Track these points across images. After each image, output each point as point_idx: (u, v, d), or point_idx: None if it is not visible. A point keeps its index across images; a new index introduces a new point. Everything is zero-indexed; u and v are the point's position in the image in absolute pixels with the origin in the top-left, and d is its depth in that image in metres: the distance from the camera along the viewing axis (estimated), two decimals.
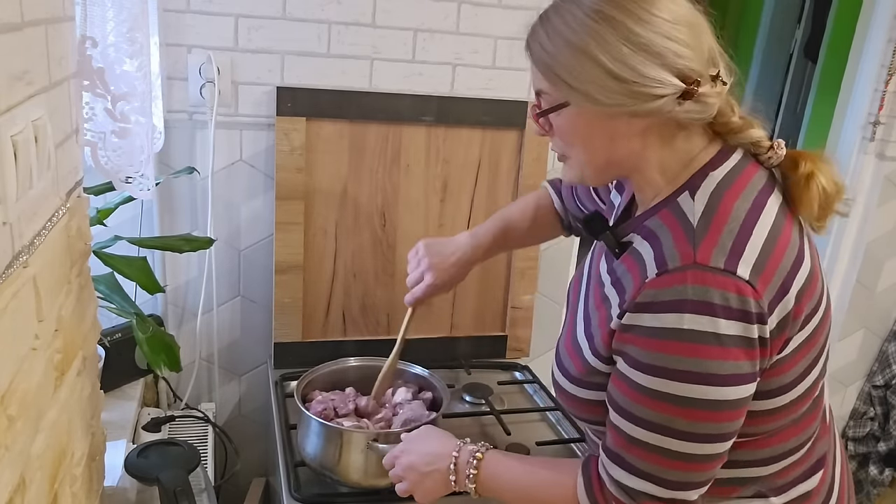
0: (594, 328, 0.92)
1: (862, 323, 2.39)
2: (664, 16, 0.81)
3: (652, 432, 0.82)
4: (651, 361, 0.81)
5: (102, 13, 1.13)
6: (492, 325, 1.79)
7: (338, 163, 1.61)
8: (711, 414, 0.80)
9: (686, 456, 0.82)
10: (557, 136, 0.90)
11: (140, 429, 1.42)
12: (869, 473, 2.42)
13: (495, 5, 1.64)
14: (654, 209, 0.89)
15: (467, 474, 0.99)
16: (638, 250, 0.88)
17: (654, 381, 0.81)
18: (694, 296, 0.78)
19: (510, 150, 1.71)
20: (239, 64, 1.54)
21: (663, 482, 0.84)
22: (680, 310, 0.78)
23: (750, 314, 0.78)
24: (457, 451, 1.01)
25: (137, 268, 1.26)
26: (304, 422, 1.25)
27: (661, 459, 0.83)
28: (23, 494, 0.63)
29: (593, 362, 0.90)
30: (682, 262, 0.80)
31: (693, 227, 0.82)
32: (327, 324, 1.69)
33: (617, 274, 0.91)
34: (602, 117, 0.84)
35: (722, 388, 0.79)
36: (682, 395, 0.79)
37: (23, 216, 0.66)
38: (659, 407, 0.81)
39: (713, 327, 0.77)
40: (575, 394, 0.95)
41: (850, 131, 2.25)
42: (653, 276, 0.81)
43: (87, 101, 1.13)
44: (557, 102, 0.86)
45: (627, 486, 0.86)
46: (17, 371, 0.63)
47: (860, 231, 2.28)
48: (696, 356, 0.78)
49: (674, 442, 0.81)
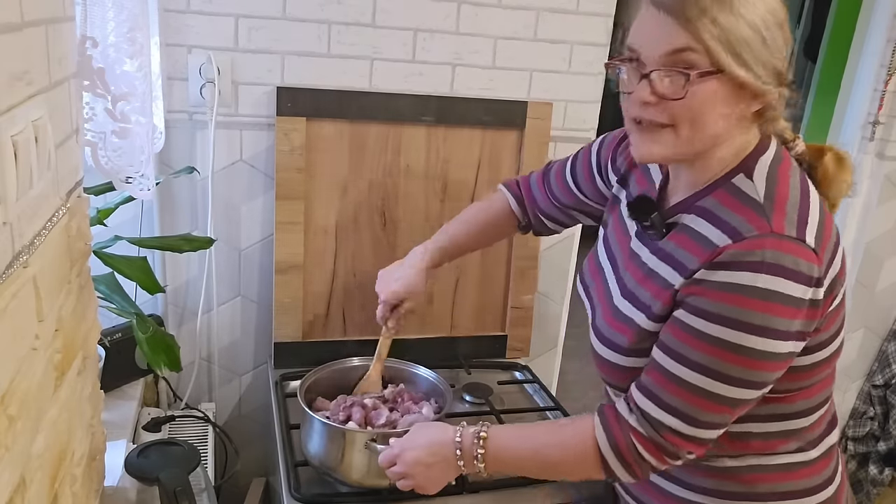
0: (648, 299, 0.97)
1: (862, 322, 2.39)
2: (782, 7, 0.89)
3: (700, 374, 0.88)
4: (719, 311, 0.87)
5: (103, 13, 1.13)
6: (492, 325, 1.79)
7: (338, 163, 1.61)
8: (761, 363, 0.87)
9: (725, 399, 0.89)
10: (683, 104, 0.87)
11: (140, 429, 1.42)
12: (869, 473, 2.42)
13: (495, 5, 1.64)
14: (705, 191, 0.95)
15: (475, 455, 1.02)
16: (692, 227, 0.94)
17: (718, 329, 0.87)
18: (771, 259, 0.85)
19: (510, 150, 1.71)
20: (239, 64, 1.54)
21: (693, 420, 0.91)
22: (757, 270, 0.85)
23: (812, 279, 0.86)
24: (458, 436, 1.04)
25: (137, 268, 1.26)
26: (308, 421, 1.25)
27: (699, 400, 0.89)
28: (23, 494, 0.64)
29: (651, 327, 0.96)
30: (760, 232, 0.87)
31: (760, 202, 0.89)
32: (327, 324, 1.69)
33: (667, 251, 0.97)
34: (737, 91, 0.88)
35: (778, 342, 0.86)
36: (741, 343, 0.86)
37: (23, 216, 0.66)
38: (715, 353, 0.87)
39: (783, 288, 0.85)
40: (627, 365, 0.99)
41: (849, 131, 2.25)
42: (727, 242, 0.87)
43: (87, 101, 1.13)
44: (711, 69, 0.85)
45: (654, 419, 0.92)
46: (18, 371, 0.63)
47: (860, 230, 2.28)
48: (765, 312, 0.85)
49: (719, 385, 0.88)
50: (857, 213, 2.27)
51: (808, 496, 1.02)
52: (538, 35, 1.68)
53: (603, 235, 1.17)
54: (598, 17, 1.71)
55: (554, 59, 1.71)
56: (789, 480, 1.01)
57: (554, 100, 1.72)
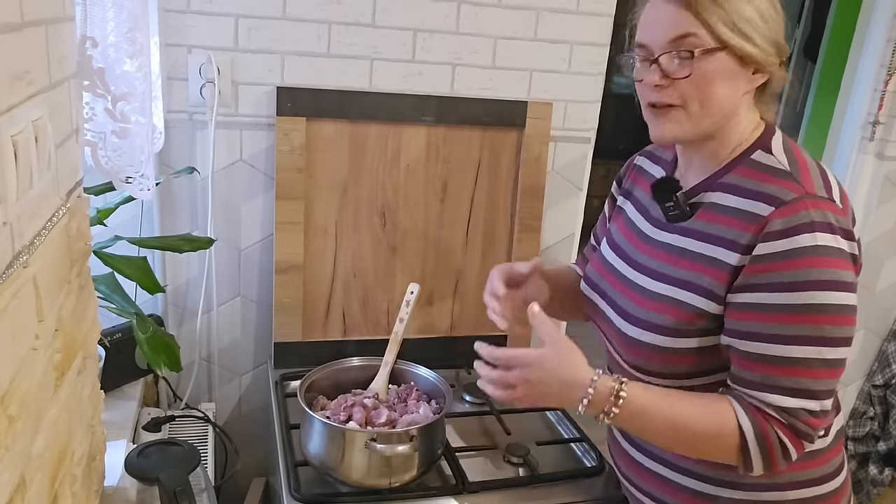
0: (693, 277, 0.99)
1: (862, 322, 2.38)
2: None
3: (805, 346, 0.90)
4: (794, 279, 0.90)
5: (103, 13, 1.12)
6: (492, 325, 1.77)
7: (338, 163, 1.61)
8: (847, 318, 0.91)
9: (832, 362, 0.91)
10: (695, 84, 0.94)
11: (140, 429, 1.42)
12: (869, 473, 2.41)
13: (495, 5, 1.64)
14: (725, 168, 1.00)
15: (606, 410, 0.96)
16: (721, 203, 0.98)
17: (801, 296, 0.89)
18: (818, 217, 0.90)
19: (510, 150, 1.71)
20: (239, 64, 1.54)
21: (814, 394, 0.92)
22: (812, 230, 0.89)
23: (851, 233, 0.93)
24: (592, 386, 0.96)
25: (137, 268, 1.26)
26: (308, 421, 1.25)
27: (810, 372, 0.91)
28: (23, 494, 0.63)
29: (705, 305, 0.97)
30: (797, 194, 0.92)
31: (787, 170, 0.95)
32: (327, 324, 1.69)
33: (697, 229, 1.01)
34: (741, 66, 0.94)
35: (849, 294, 0.91)
36: (826, 302, 0.89)
37: (23, 216, 0.66)
38: (809, 319, 0.90)
39: (836, 243, 0.91)
40: (665, 346, 1.00)
41: (849, 131, 2.25)
42: (771, 210, 0.91)
43: (87, 101, 1.13)
44: (713, 46, 0.93)
45: (787, 408, 0.92)
46: (18, 371, 0.62)
47: (860, 231, 2.27)
48: (832, 267, 0.90)
49: (827, 350, 0.90)
50: (857, 214, 2.27)
51: (823, 483, 1.04)
52: (538, 35, 1.68)
53: (606, 241, 1.20)
54: (598, 17, 1.71)
55: (554, 59, 1.71)
56: (808, 469, 1.01)
57: (554, 100, 1.72)
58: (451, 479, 1.29)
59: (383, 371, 1.39)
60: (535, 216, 1.75)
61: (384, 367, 1.39)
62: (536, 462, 1.36)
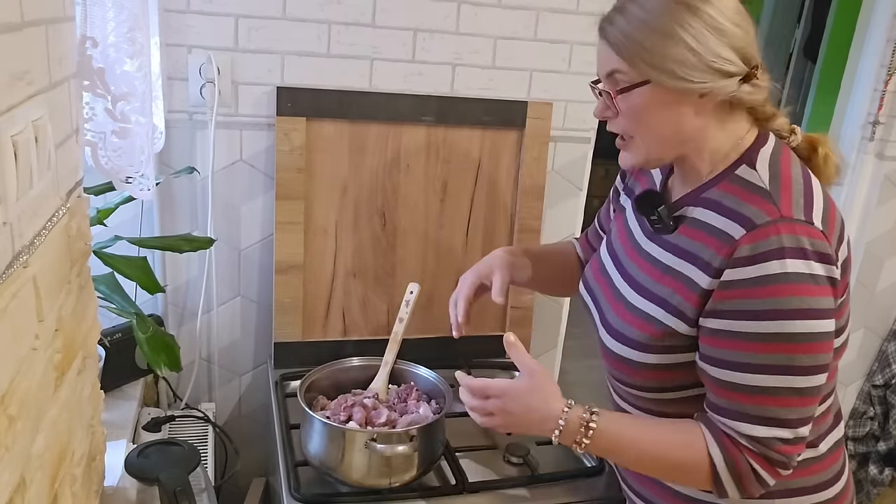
0: (667, 295, 0.98)
1: (862, 322, 2.39)
2: (729, 4, 0.92)
3: (776, 374, 0.89)
4: (762, 307, 0.88)
5: (103, 13, 1.12)
6: (492, 325, 1.79)
7: (338, 163, 1.61)
8: (820, 345, 0.89)
9: (804, 391, 0.90)
10: (628, 116, 0.96)
11: (140, 429, 1.42)
12: (869, 473, 2.41)
13: (495, 5, 1.64)
14: (709, 183, 0.99)
15: (577, 441, 0.99)
16: (701, 220, 0.97)
17: (769, 325, 0.88)
18: (789, 243, 0.87)
19: (510, 150, 1.71)
20: (239, 64, 1.54)
21: (787, 423, 0.91)
22: (781, 256, 0.87)
23: (829, 256, 0.89)
24: (563, 417, 1.00)
25: (137, 268, 1.26)
26: (308, 421, 1.25)
27: (781, 400, 0.90)
28: (23, 494, 0.63)
29: (674, 324, 0.97)
30: (771, 217, 0.89)
31: (766, 189, 0.92)
32: (327, 324, 1.69)
33: (680, 246, 0.99)
34: (676, 95, 0.92)
35: (822, 322, 0.88)
36: (796, 331, 0.87)
37: (23, 216, 0.66)
38: (778, 348, 0.88)
39: (808, 269, 0.87)
40: (636, 360, 1.00)
41: (849, 131, 2.25)
42: (742, 233, 0.89)
43: (87, 101, 1.13)
44: (637, 81, 0.93)
45: (759, 437, 0.91)
46: (18, 371, 0.63)
47: (860, 230, 2.28)
48: (801, 294, 0.87)
49: (797, 379, 0.89)
50: (857, 214, 2.27)
51: (817, 492, 1.03)
52: (538, 35, 1.68)
53: (606, 242, 1.20)
54: (598, 17, 1.70)
55: (554, 59, 1.71)
56: (799, 477, 1.00)
57: (554, 100, 1.72)
58: (451, 479, 1.29)
59: (383, 371, 1.39)
60: (535, 216, 1.75)
61: (384, 367, 1.39)
62: (536, 462, 1.36)
